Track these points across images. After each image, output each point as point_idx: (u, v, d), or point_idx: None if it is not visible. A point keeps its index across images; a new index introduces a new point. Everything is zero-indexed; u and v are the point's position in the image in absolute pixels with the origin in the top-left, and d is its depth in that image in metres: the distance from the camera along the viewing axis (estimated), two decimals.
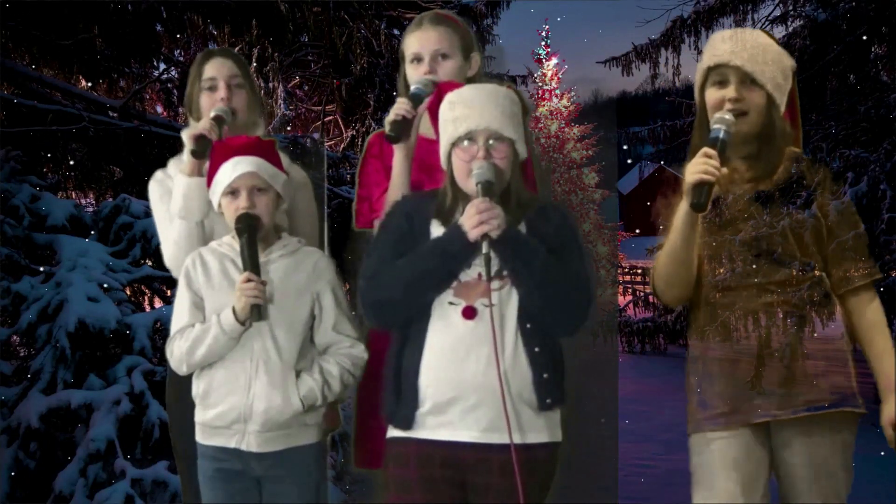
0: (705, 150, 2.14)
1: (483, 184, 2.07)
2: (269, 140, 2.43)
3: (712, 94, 2.29)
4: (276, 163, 2.38)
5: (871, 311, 2.29)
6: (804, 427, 2.22)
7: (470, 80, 2.45)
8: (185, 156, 2.55)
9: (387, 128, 2.39)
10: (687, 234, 2.23)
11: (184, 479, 2.59)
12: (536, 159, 2.55)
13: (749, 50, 2.26)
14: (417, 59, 2.49)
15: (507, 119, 2.14)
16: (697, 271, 2.31)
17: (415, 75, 2.48)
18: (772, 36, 2.37)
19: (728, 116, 2.21)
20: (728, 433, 2.25)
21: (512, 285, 2.11)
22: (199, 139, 2.47)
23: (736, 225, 2.28)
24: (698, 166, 2.12)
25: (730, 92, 2.25)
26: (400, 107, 2.38)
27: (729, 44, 2.28)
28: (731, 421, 2.24)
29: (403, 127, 2.37)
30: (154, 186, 2.68)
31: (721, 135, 2.18)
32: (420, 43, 2.49)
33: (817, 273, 2.27)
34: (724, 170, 2.15)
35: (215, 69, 2.62)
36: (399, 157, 2.42)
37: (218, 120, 2.53)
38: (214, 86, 2.61)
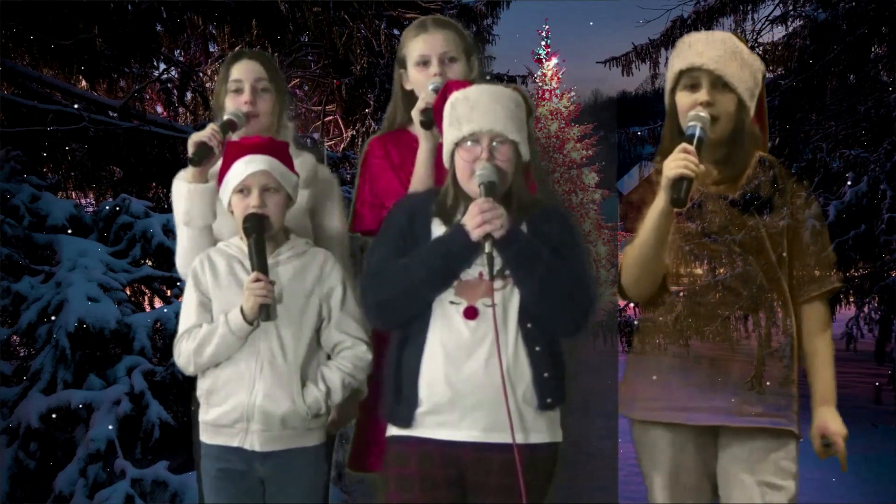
0: (684, 146, 2.14)
1: (486, 185, 2.07)
2: (282, 141, 2.43)
3: (684, 98, 2.28)
4: (289, 164, 2.38)
5: (819, 320, 2.33)
6: (749, 435, 2.24)
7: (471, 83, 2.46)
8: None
9: (420, 116, 2.40)
10: (661, 231, 2.21)
11: (199, 480, 2.57)
12: (536, 158, 2.55)
13: (722, 53, 2.25)
14: (424, 61, 2.49)
15: (511, 121, 2.14)
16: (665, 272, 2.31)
17: (421, 78, 2.49)
18: (743, 39, 2.37)
19: (703, 114, 2.21)
20: (679, 431, 2.27)
21: (513, 285, 2.12)
22: (199, 146, 2.45)
23: (707, 231, 2.28)
24: (677, 162, 2.11)
25: (702, 95, 2.24)
26: (430, 95, 2.40)
27: (702, 47, 2.27)
28: (684, 419, 2.26)
29: (433, 116, 2.38)
30: (175, 186, 2.65)
31: (697, 132, 2.18)
32: (428, 45, 2.50)
33: (784, 286, 2.28)
34: (703, 167, 2.14)
35: (242, 72, 2.58)
36: (424, 149, 2.43)
37: (228, 125, 2.51)
38: (240, 88, 2.57)
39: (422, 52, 2.50)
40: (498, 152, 2.12)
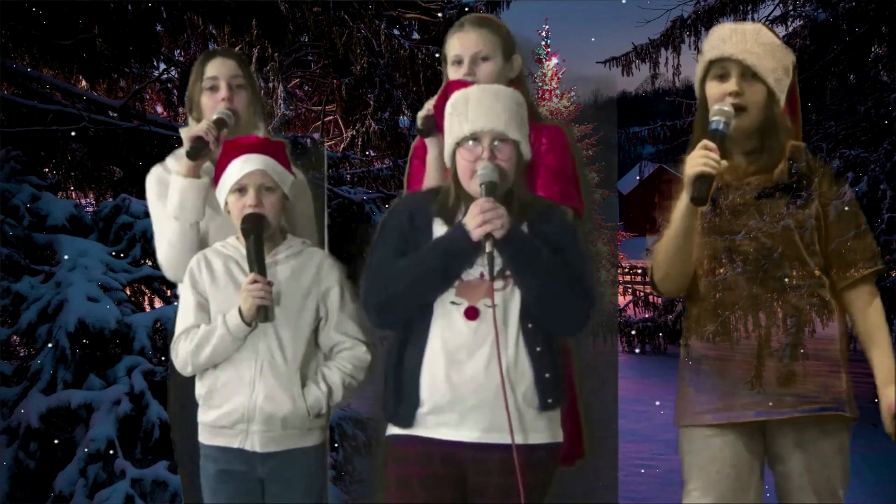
0: (705, 142, 2.14)
1: (487, 184, 2.07)
2: (279, 141, 2.43)
3: (713, 88, 2.28)
4: (286, 163, 2.38)
5: (870, 305, 2.29)
6: (799, 427, 2.22)
7: (512, 82, 2.45)
8: (182, 156, 2.54)
9: (418, 123, 2.41)
10: (686, 227, 2.21)
11: (185, 479, 2.59)
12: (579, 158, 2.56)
13: (751, 44, 2.25)
14: (458, 61, 2.48)
15: (512, 120, 2.14)
16: (696, 268, 2.31)
17: (456, 77, 2.47)
18: (773, 31, 2.37)
19: (727, 108, 2.20)
20: (722, 430, 2.25)
21: (514, 285, 2.11)
22: (196, 141, 2.46)
23: (737, 223, 2.28)
24: (698, 159, 2.11)
25: (731, 86, 2.24)
26: (431, 103, 2.40)
27: (731, 37, 2.27)
28: (726, 418, 2.24)
29: (433, 123, 2.38)
30: (151, 182, 2.65)
31: (720, 126, 2.18)
32: (461, 45, 2.48)
33: (817, 273, 2.27)
34: (725, 162, 2.14)
35: (217, 69, 2.59)
36: (432, 153, 2.43)
37: (220, 123, 2.51)
38: (216, 86, 2.58)
39: (456, 51, 2.49)
40: (499, 152, 2.12)
